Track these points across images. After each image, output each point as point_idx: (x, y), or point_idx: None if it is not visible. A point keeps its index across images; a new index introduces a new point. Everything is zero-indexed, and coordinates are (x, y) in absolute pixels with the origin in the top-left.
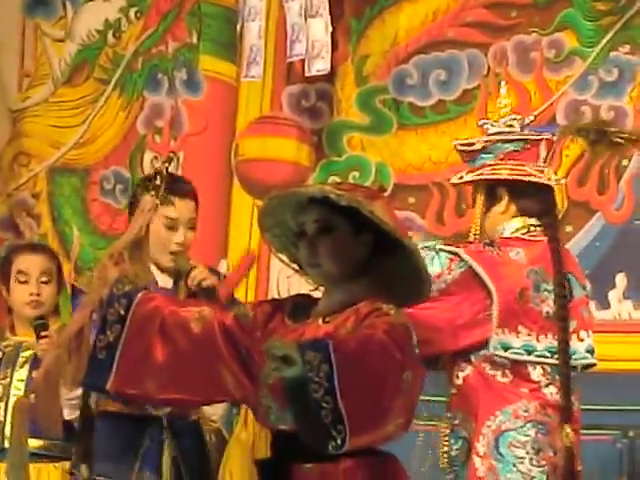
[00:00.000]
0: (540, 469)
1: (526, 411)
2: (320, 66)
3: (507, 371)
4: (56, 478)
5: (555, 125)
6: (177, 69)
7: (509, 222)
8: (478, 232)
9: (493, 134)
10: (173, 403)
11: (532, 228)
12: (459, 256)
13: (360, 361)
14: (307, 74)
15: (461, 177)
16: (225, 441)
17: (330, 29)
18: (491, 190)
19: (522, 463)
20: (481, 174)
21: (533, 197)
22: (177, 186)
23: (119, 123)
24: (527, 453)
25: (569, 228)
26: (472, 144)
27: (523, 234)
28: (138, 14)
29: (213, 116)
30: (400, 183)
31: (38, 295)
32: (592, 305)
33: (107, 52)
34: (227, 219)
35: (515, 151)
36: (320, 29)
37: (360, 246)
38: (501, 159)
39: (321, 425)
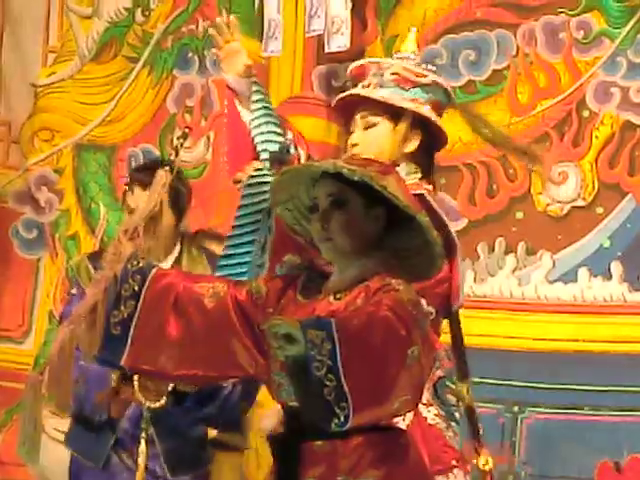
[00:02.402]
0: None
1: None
2: (340, 42)
3: None
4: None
5: None
6: (207, 48)
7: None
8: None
9: (431, 72)
10: (187, 379)
11: (417, 178)
12: None
13: (363, 338)
14: (326, 50)
15: (387, 96)
16: None
17: (350, 5)
18: (410, 128)
19: (456, 411)
20: (421, 109)
21: (430, 150)
22: (136, 175)
23: (148, 101)
24: (456, 401)
25: (600, 210)
26: (424, 75)
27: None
28: None
29: None
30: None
31: None
32: (625, 287)
33: (136, 30)
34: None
35: (441, 103)
36: (340, 5)
37: (372, 221)
38: (430, 103)
39: (324, 403)
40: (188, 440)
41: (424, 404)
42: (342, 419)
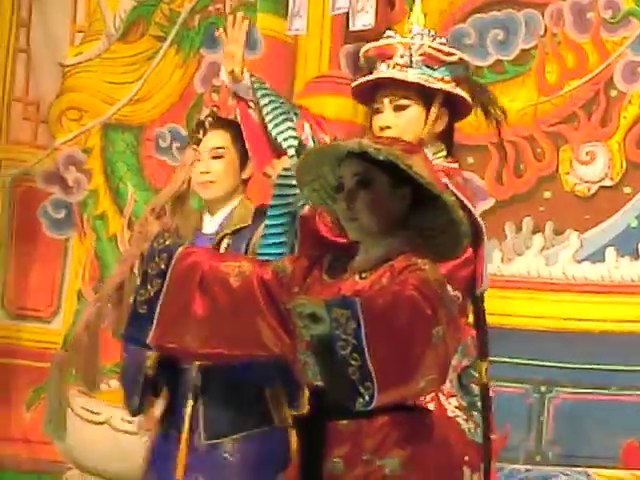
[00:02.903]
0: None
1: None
2: (365, 20)
3: None
4: None
5: None
6: None
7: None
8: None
9: (451, 54)
10: (213, 357)
11: (442, 156)
12: None
13: (388, 317)
14: (351, 29)
15: (422, 78)
16: None
17: None
18: (439, 107)
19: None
20: (455, 88)
21: (453, 128)
22: (201, 125)
23: (175, 80)
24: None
25: (627, 190)
26: (452, 54)
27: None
28: None
29: (271, 75)
30: (458, 143)
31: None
32: None
33: (163, 9)
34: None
35: (465, 78)
36: None
37: (398, 200)
38: (455, 80)
39: (349, 382)
40: (232, 402)
41: (445, 394)
42: (367, 398)
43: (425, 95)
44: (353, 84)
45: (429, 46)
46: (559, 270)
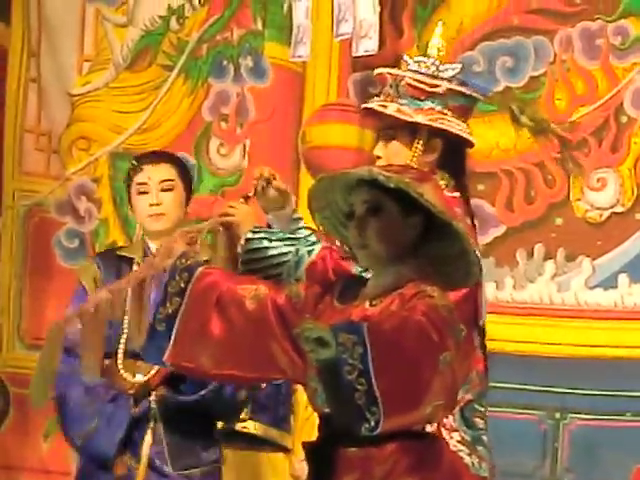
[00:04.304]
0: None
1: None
2: (368, 46)
3: None
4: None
5: (483, 86)
6: (242, 56)
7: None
8: None
9: (446, 80)
10: (227, 379)
11: (444, 185)
12: None
13: (395, 343)
14: (354, 54)
15: (400, 111)
16: None
17: (378, 9)
18: (428, 139)
19: (484, 434)
20: (435, 120)
21: (458, 156)
22: (146, 156)
23: (184, 109)
24: (484, 424)
25: (639, 216)
26: (436, 85)
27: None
28: (202, 0)
29: (279, 103)
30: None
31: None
32: None
33: (170, 38)
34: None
35: (462, 106)
36: (368, 8)
37: (409, 228)
38: (450, 110)
39: (355, 407)
40: (193, 434)
41: (447, 429)
42: (372, 424)
43: (409, 126)
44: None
45: (414, 78)
46: (571, 297)
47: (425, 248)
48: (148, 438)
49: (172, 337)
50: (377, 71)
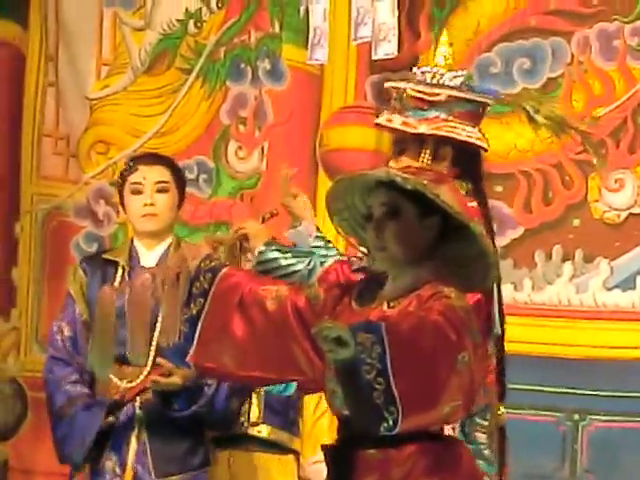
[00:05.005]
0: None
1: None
2: (387, 50)
3: None
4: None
5: (493, 89)
6: (260, 59)
7: None
8: None
9: (448, 87)
10: (249, 380)
11: (463, 192)
12: None
13: (413, 342)
14: (374, 57)
15: (405, 123)
16: None
17: (397, 12)
18: (437, 147)
19: (486, 449)
20: (439, 128)
21: (472, 162)
22: (142, 157)
23: (202, 113)
24: (487, 438)
25: None
26: (436, 94)
27: None
28: (220, 4)
29: (297, 106)
30: (486, 172)
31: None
32: None
33: (188, 41)
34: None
35: (468, 112)
36: (387, 12)
37: (426, 230)
38: (456, 117)
39: (373, 406)
40: (178, 439)
41: None
42: (391, 423)
43: (416, 138)
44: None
45: (414, 89)
46: (590, 298)
47: (443, 250)
48: (134, 445)
49: (195, 338)
50: (385, 85)
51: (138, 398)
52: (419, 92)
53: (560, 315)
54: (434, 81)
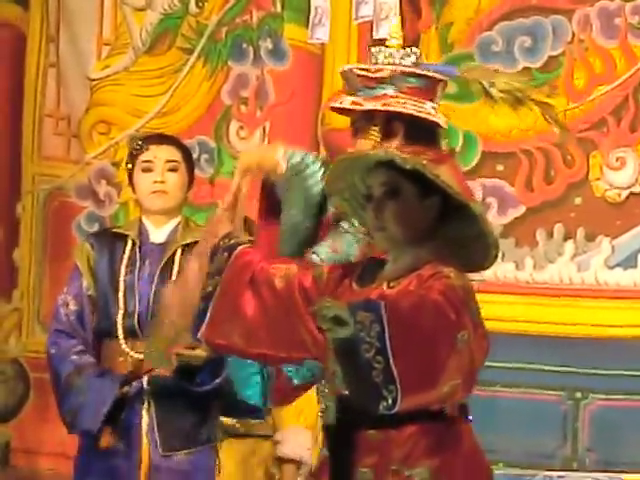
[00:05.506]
0: None
1: None
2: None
3: None
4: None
5: (452, 66)
6: (262, 39)
7: None
8: None
9: (393, 65)
10: (258, 358)
11: None
12: None
13: (412, 321)
14: (375, 37)
15: (354, 102)
16: None
17: None
18: (387, 123)
19: None
20: (386, 104)
21: (424, 137)
22: (153, 137)
23: (203, 93)
24: None
25: None
26: (380, 70)
27: None
28: None
29: (299, 85)
30: (488, 151)
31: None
32: None
33: (190, 21)
34: None
35: (418, 87)
36: None
37: (426, 210)
38: (405, 92)
39: (372, 385)
40: (185, 416)
41: None
42: (390, 402)
43: (367, 117)
44: None
45: (357, 68)
46: (591, 276)
47: (443, 230)
48: (146, 418)
49: (208, 314)
50: (339, 70)
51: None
52: (364, 70)
53: (562, 294)
54: (386, 60)
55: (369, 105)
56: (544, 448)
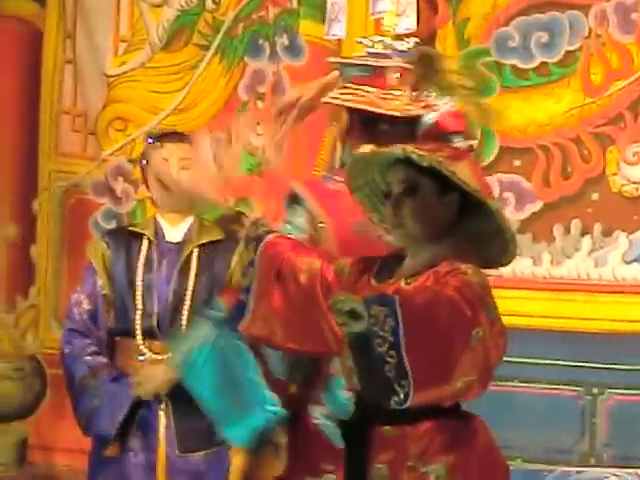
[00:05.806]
0: None
1: None
2: (406, 24)
3: None
4: None
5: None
6: (278, 35)
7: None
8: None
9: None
10: (289, 351)
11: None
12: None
13: (426, 316)
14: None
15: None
16: None
17: None
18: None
19: None
20: (336, 98)
21: (380, 126)
22: (166, 135)
23: (220, 89)
24: None
25: None
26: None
27: None
28: None
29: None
30: (505, 146)
31: None
32: None
33: (206, 18)
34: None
35: (362, 77)
36: None
37: (445, 207)
38: (355, 83)
39: (384, 380)
40: (201, 417)
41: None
42: (402, 397)
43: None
44: None
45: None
46: (609, 272)
47: (462, 226)
48: (163, 420)
49: (248, 307)
50: None
51: None
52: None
53: (579, 289)
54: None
55: (326, 99)
56: (561, 444)
